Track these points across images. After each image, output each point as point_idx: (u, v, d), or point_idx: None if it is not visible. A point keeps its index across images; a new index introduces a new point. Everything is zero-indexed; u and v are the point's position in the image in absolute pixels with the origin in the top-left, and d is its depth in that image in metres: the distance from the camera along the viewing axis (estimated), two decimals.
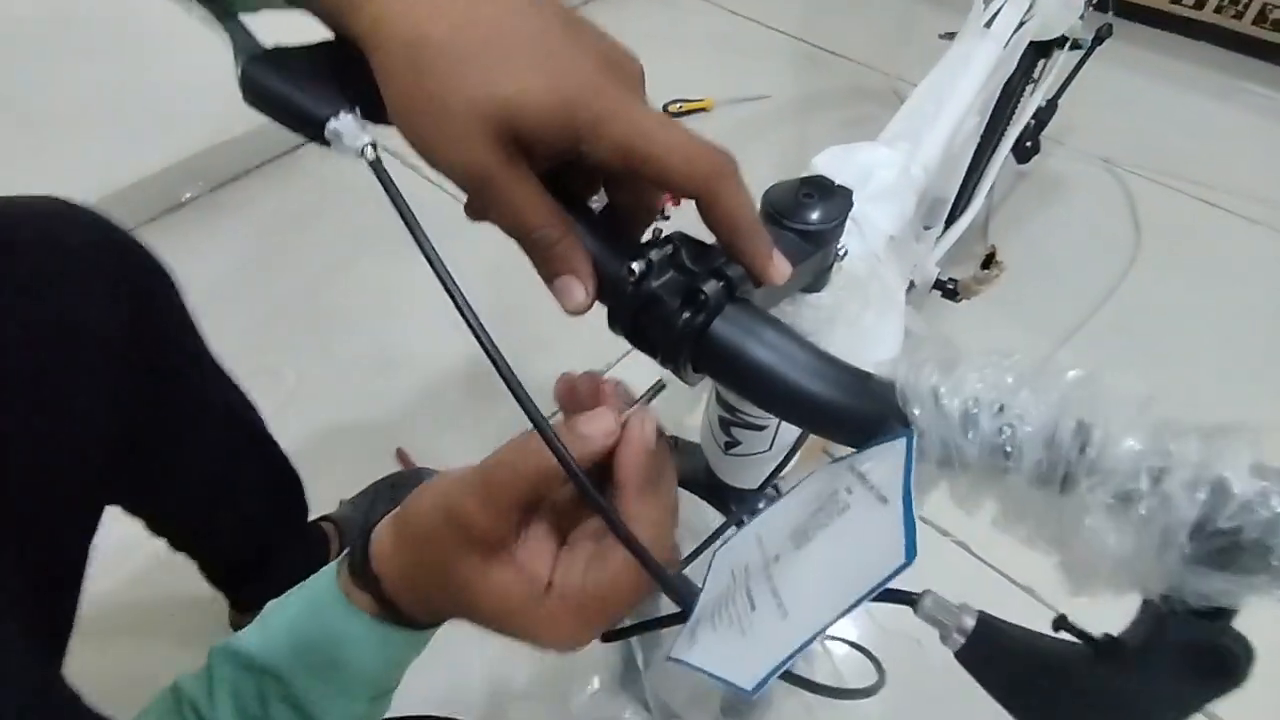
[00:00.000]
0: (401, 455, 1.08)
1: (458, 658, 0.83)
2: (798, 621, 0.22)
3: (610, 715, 0.77)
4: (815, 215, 0.34)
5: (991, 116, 0.92)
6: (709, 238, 0.31)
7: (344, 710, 0.30)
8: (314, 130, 0.30)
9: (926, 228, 0.98)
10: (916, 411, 0.24)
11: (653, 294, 0.29)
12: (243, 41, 0.31)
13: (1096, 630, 0.24)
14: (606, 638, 0.34)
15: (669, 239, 0.31)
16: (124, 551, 0.63)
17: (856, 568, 0.22)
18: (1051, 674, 0.23)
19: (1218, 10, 1.71)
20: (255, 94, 0.30)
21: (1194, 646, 0.21)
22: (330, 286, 1.32)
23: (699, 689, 0.71)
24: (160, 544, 0.72)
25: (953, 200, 1.00)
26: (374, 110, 0.30)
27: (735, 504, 0.49)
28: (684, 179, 0.28)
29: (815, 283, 0.37)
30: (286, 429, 0.79)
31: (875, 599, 0.25)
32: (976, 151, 0.95)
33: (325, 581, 0.33)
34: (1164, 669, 0.22)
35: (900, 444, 0.24)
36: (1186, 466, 0.20)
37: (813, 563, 0.24)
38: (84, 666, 0.48)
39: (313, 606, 0.33)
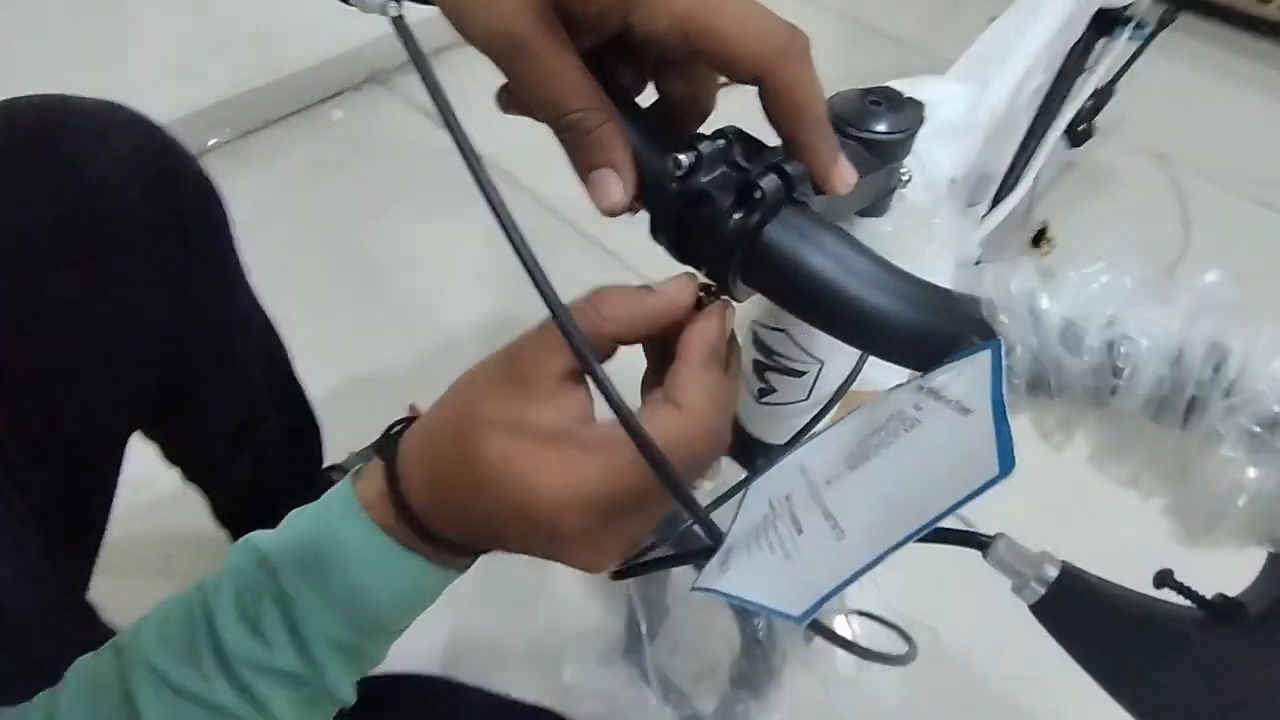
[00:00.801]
0: (414, 411, 1.06)
1: (452, 622, 0.81)
2: (859, 543, 0.19)
3: (605, 688, 0.75)
4: (882, 125, 0.31)
5: (1051, 89, 0.87)
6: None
7: (330, 628, 0.27)
8: None
9: (971, 205, 0.93)
10: (1005, 320, 0.20)
11: (702, 190, 0.26)
12: None
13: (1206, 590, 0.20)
14: (618, 575, 0.30)
15: (721, 133, 0.27)
16: (136, 487, 0.61)
17: (933, 484, 0.18)
18: (1151, 639, 0.20)
19: None
20: None
21: None
22: (352, 240, 1.31)
23: (706, 662, 0.68)
24: (172, 477, 0.70)
25: (1001, 178, 0.95)
26: None
27: (764, 460, 0.46)
28: (751, 56, 0.25)
29: (876, 206, 0.33)
30: (302, 378, 0.78)
31: (941, 540, 0.21)
32: (1031, 126, 0.91)
33: (343, 483, 0.30)
34: None
35: (984, 355, 0.20)
36: None
37: (875, 482, 0.21)
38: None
39: (324, 504, 0.30)
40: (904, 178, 0.34)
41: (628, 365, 0.29)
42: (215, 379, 0.62)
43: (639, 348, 0.30)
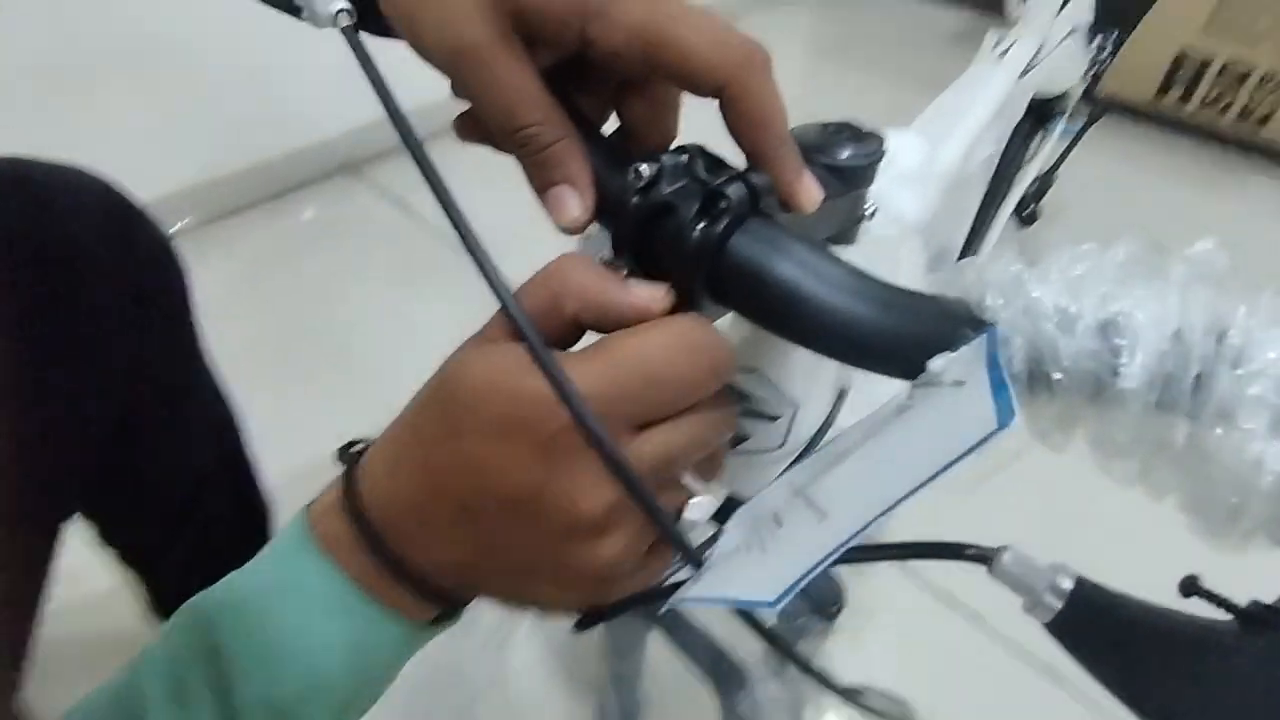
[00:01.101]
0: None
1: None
2: (843, 518, 0.17)
3: None
4: (846, 152, 0.30)
5: (999, 167, 0.92)
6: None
7: (264, 691, 0.23)
8: None
9: (930, 275, 0.95)
10: (996, 308, 0.19)
11: (665, 201, 0.25)
12: None
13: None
14: (586, 620, 0.27)
15: (684, 148, 0.27)
16: (68, 580, 0.56)
17: (927, 450, 0.17)
18: (1182, 655, 0.18)
19: (1203, 105, 1.77)
20: None
21: None
22: (316, 322, 1.30)
23: None
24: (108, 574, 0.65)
25: (958, 253, 0.98)
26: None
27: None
28: (711, 66, 0.24)
29: (844, 234, 0.33)
30: (259, 460, 0.74)
31: (943, 555, 0.19)
32: (983, 203, 0.94)
33: (299, 512, 0.26)
34: None
35: (979, 339, 0.19)
36: None
37: (862, 464, 0.19)
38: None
39: (276, 538, 0.26)
40: (869, 210, 0.34)
41: None
42: (163, 447, 0.59)
43: None
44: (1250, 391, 0.16)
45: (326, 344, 1.27)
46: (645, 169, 0.25)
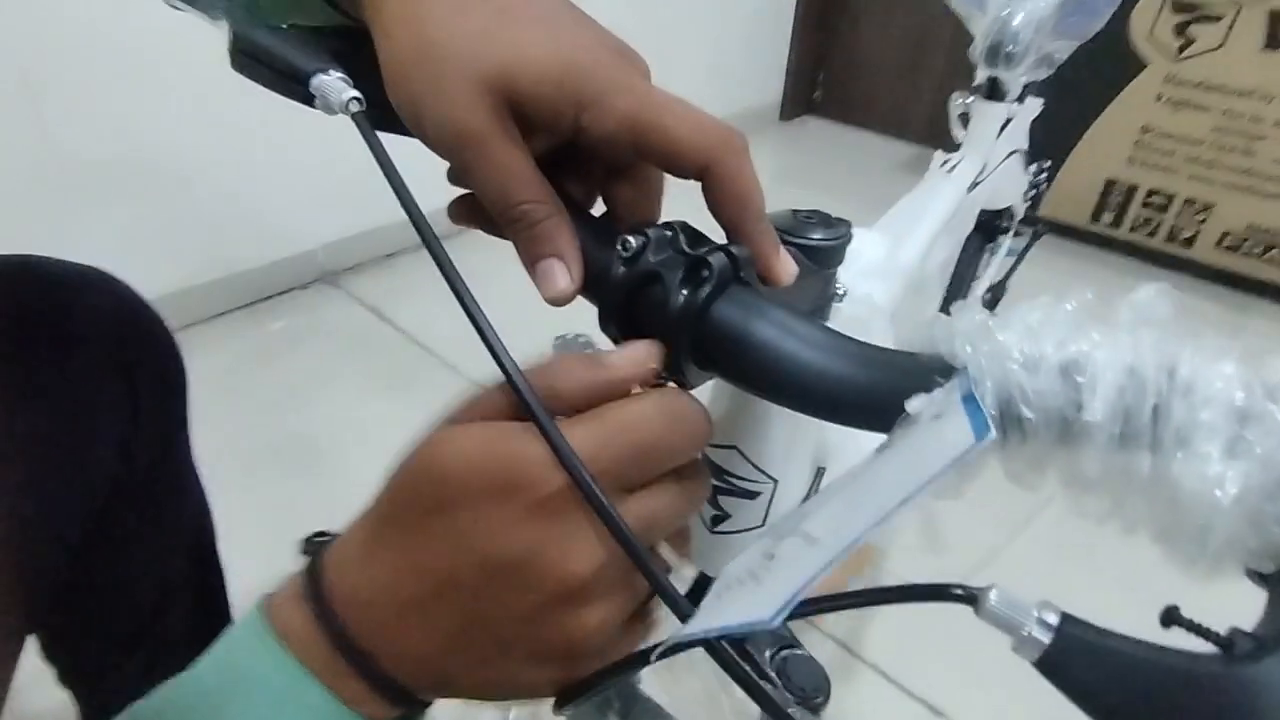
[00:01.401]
0: None
1: None
2: (833, 538, 0.17)
3: None
4: (817, 233, 0.33)
5: (953, 276, 0.97)
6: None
7: None
8: (298, 86, 0.28)
9: None
10: (966, 355, 0.20)
11: (650, 269, 0.26)
12: (234, 13, 0.31)
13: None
14: (568, 695, 0.26)
15: (668, 224, 0.29)
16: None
17: (910, 473, 0.17)
18: (1167, 685, 0.18)
19: (1133, 229, 1.91)
20: (244, 50, 0.29)
21: None
22: (286, 431, 1.28)
23: None
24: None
25: None
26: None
27: None
28: (693, 150, 0.27)
29: (817, 312, 0.35)
30: (226, 566, 0.71)
31: (928, 598, 0.20)
32: (941, 307, 0.99)
33: (254, 608, 0.25)
34: None
35: (953, 380, 0.20)
36: None
37: (848, 494, 0.19)
38: None
39: (225, 638, 0.25)
40: (840, 291, 0.36)
41: None
42: (137, 550, 0.56)
43: None
44: (1203, 417, 0.17)
45: (301, 450, 1.25)
46: (633, 240, 0.27)
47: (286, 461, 1.23)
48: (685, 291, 0.26)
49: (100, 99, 1.27)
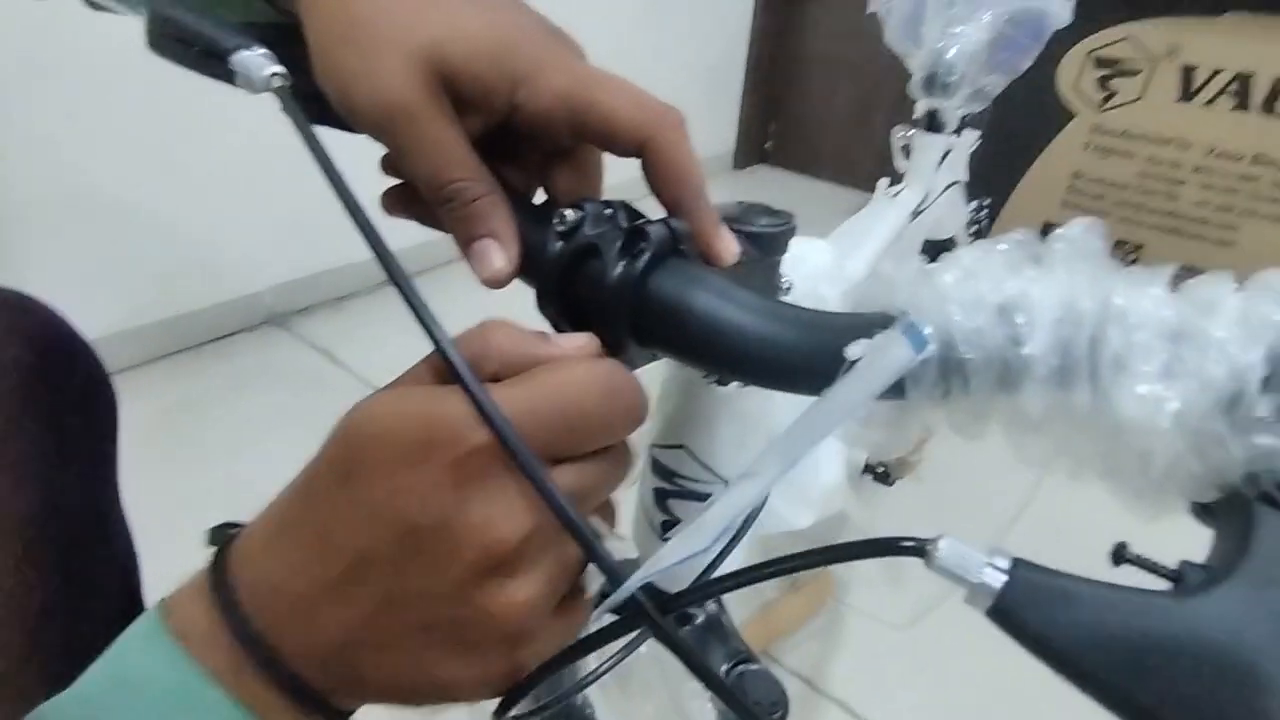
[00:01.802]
0: None
1: None
2: (772, 464, 0.16)
3: None
4: (761, 220, 0.33)
5: None
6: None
7: None
8: (219, 64, 0.27)
9: None
10: (907, 296, 0.20)
11: (588, 242, 0.26)
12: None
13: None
14: (504, 706, 0.24)
15: (606, 201, 0.28)
16: None
17: (852, 394, 0.16)
18: (1124, 625, 0.17)
19: None
20: (163, 29, 0.28)
21: None
22: (226, 480, 1.22)
23: None
24: None
25: None
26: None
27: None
28: (632, 125, 0.26)
29: None
30: None
31: (880, 552, 0.19)
32: None
33: (151, 608, 0.23)
34: (1275, 582, 0.16)
35: (894, 325, 0.19)
36: (1232, 301, 0.17)
37: (787, 432, 0.18)
38: None
39: (119, 640, 0.22)
40: (785, 284, 0.36)
41: None
42: (59, 596, 0.51)
43: None
44: (1137, 339, 0.17)
45: (245, 499, 1.19)
46: (569, 214, 0.26)
47: (229, 513, 1.17)
48: (623, 263, 0.25)
49: (40, 136, 1.24)
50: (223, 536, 0.23)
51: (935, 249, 1.06)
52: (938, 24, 0.71)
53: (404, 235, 0.23)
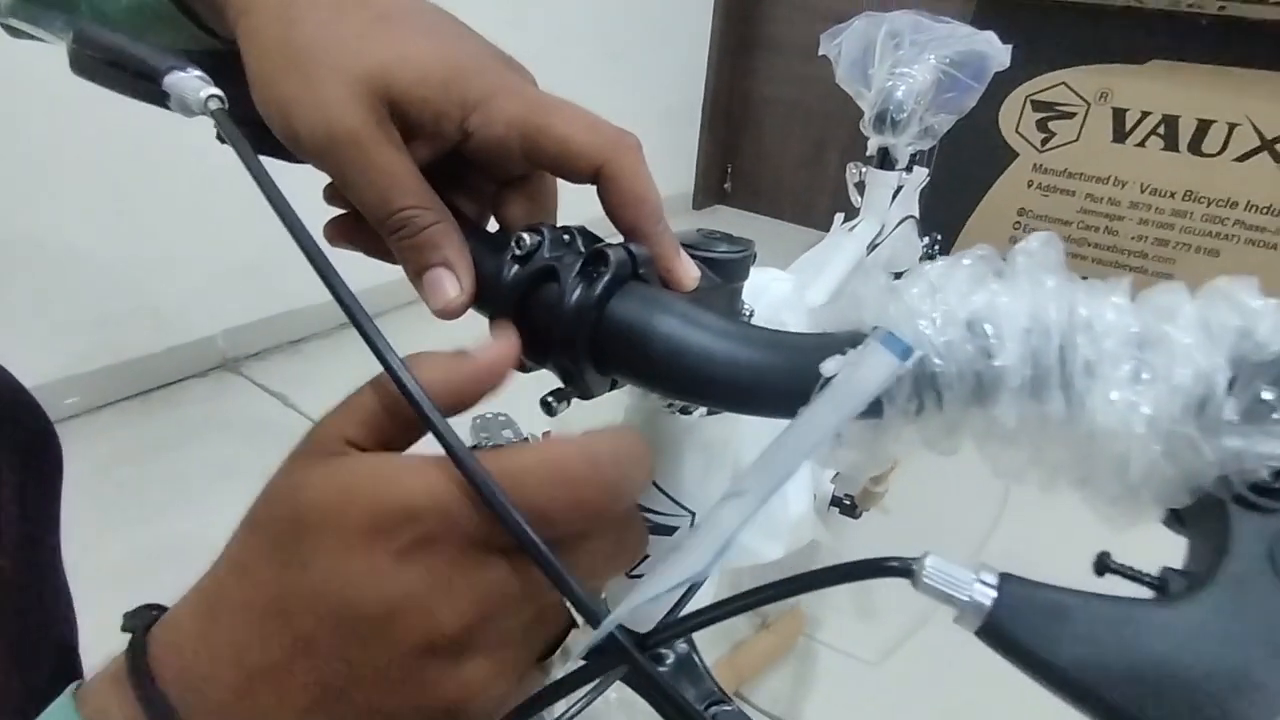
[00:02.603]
0: None
1: None
2: (760, 484, 0.15)
3: None
4: (721, 247, 0.32)
5: None
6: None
7: None
8: (151, 86, 0.26)
9: None
10: (878, 311, 0.20)
11: (545, 265, 0.25)
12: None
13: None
14: None
15: (564, 226, 0.28)
16: None
17: (836, 408, 0.16)
18: (1115, 640, 0.16)
19: None
20: (89, 50, 0.27)
21: None
22: (172, 533, 1.16)
23: None
24: None
25: None
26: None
27: None
28: (587, 149, 0.26)
29: None
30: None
31: (865, 574, 0.18)
32: None
33: (60, 699, 0.21)
34: (1256, 584, 0.15)
35: (866, 340, 0.19)
36: (1189, 308, 0.17)
37: (772, 448, 0.17)
38: None
39: None
40: (746, 311, 0.35)
41: None
42: None
43: None
44: (1106, 347, 0.17)
45: (193, 554, 1.13)
46: (527, 237, 0.26)
47: (177, 568, 1.10)
48: (581, 287, 0.24)
49: None
50: (143, 619, 0.21)
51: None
52: (885, 65, 0.74)
53: (356, 279, 0.22)
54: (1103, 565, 0.17)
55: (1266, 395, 0.16)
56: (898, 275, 0.72)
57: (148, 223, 1.40)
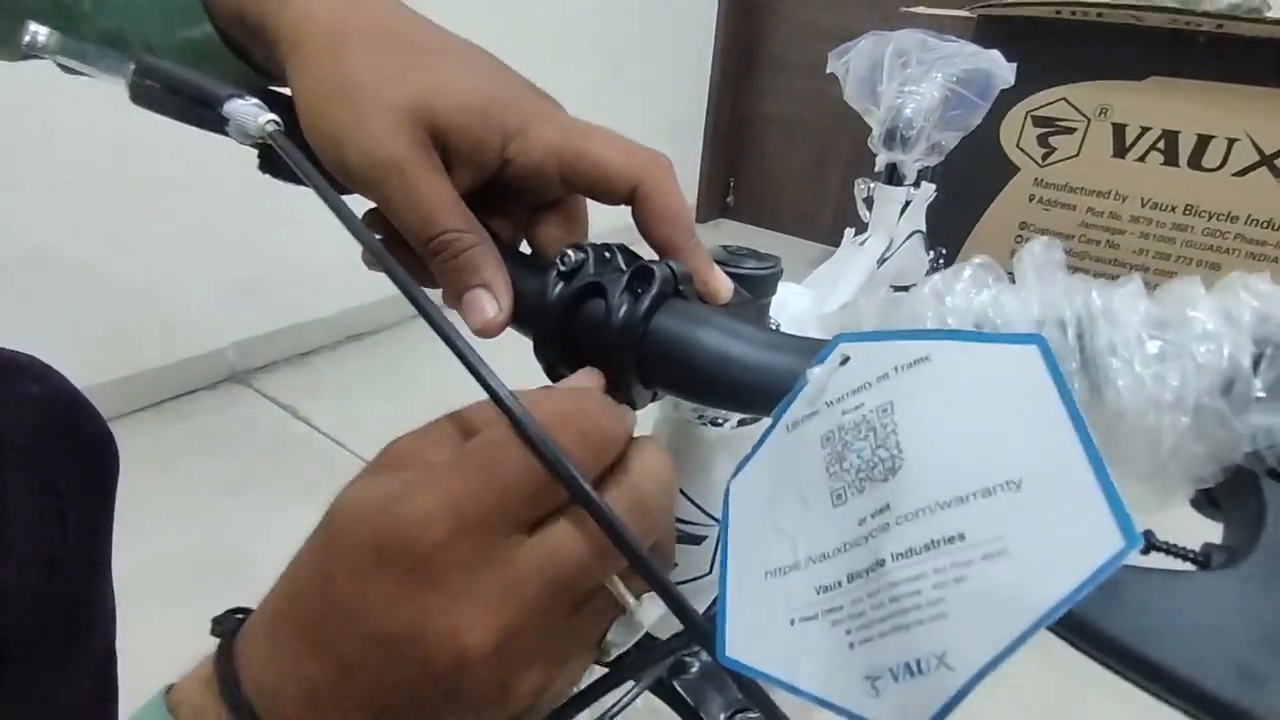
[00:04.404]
0: None
1: None
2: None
3: None
4: (750, 263, 0.34)
5: None
6: None
7: None
8: (210, 113, 0.27)
9: None
10: (879, 320, 0.21)
11: (593, 282, 0.26)
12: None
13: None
14: None
15: (605, 244, 0.29)
16: None
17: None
18: (1162, 607, 0.17)
19: None
20: (150, 79, 0.28)
21: None
22: (184, 545, 1.17)
23: None
24: None
25: None
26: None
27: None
28: (623, 171, 0.27)
29: None
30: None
31: None
32: None
33: (153, 699, 0.22)
34: None
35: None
36: (1207, 297, 0.18)
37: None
38: None
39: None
40: (774, 326, 0.37)
41: None
42: (46, 670, 0.48)
43: None
44: (1126, 330, 0.17)
45: (206, 565, 1.14)
46: (572, 255, 0.27)
47: (189, 578, 1.11)
48: (627, 304, 0.25)
49: None
50: (230, 624, 0.22)
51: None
52: (894, 83, 0.76)
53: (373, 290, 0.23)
54: (1148, 543, 0.18)
55: None
56: (904, 289, 0.73)
57: (159, 237, 1.42)
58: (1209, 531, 0.19)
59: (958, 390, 0.17)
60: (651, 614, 0.23)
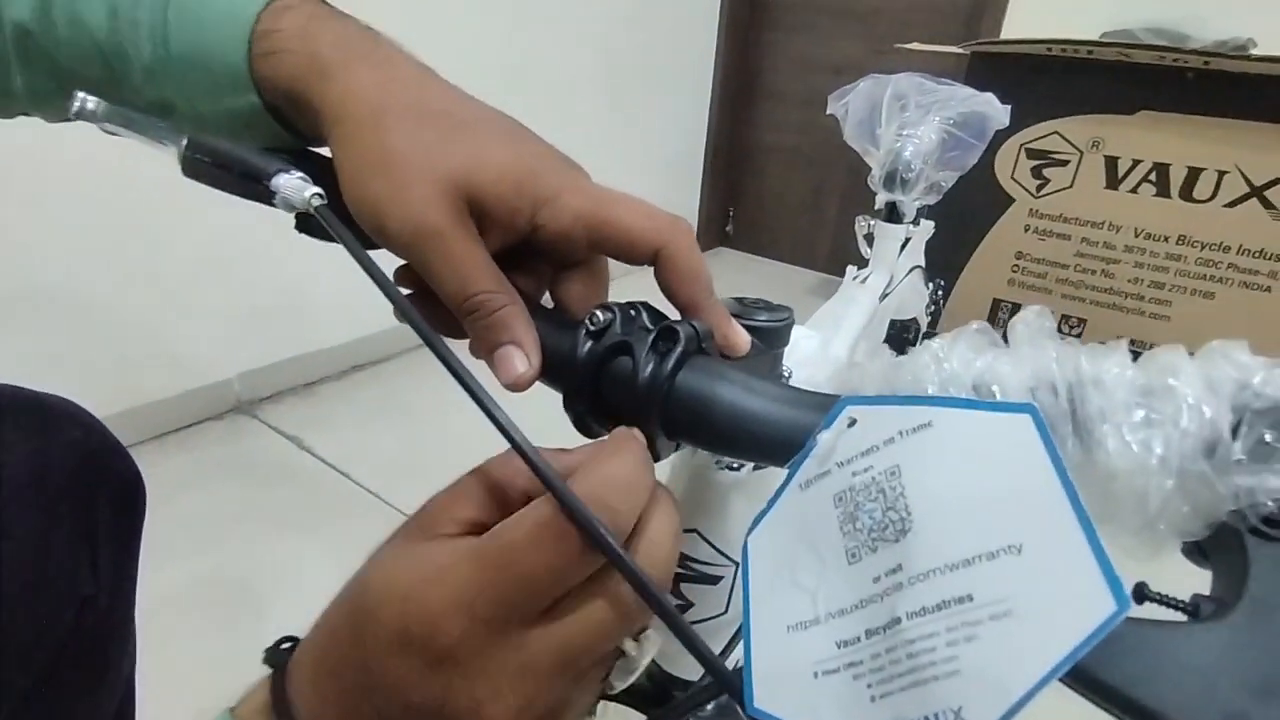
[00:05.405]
0: None
1: None
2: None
3: None
4: (762, 316, 0.35)
5: None
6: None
7: None
8: (257, 185, 0.29)
9: None
10: (881, 384, 0.23)
11: (621, 340, 0.28)
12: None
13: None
14: None
15: (630, 303, 0.31)
16: None
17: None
18: (1155, 656, 0.18)
19: None
20: (200, 153, 0.30)
21: None
22: (190, 576, 1.17)
23: None
24: None
25: None
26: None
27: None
28: (647, 236, 0.29)
29: None
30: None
31: None
32: None
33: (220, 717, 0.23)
34: (1277, 605, 0.18)
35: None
36: (1189, 365, 0.19)
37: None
38: None
39: None
40: (786, 373, 0.38)
41: None
42: (78, 703, 0.48)
43: None
44: (1114, 397, 0.19)
45: (212, 596, 1.15)
46: (600, 315, 0.28)
47: (194, 609, 1.12)
48: (653, 361, 0.27)
49: None
50: (281, 656, 0.24)
51: (900, 328, 1.12)
52: (892, 127, 0.78)
53: (378, 321, 0.25)
54: (1140, 594, 0.20)
55: (1269, 438, 0.18)
56: (905, 322, 0.77)
57: (166, 270, 1.44)
58: (1199, 581, 0.21)
59: (960, 456, 0.19)
60: (650, 651, 0.24)
